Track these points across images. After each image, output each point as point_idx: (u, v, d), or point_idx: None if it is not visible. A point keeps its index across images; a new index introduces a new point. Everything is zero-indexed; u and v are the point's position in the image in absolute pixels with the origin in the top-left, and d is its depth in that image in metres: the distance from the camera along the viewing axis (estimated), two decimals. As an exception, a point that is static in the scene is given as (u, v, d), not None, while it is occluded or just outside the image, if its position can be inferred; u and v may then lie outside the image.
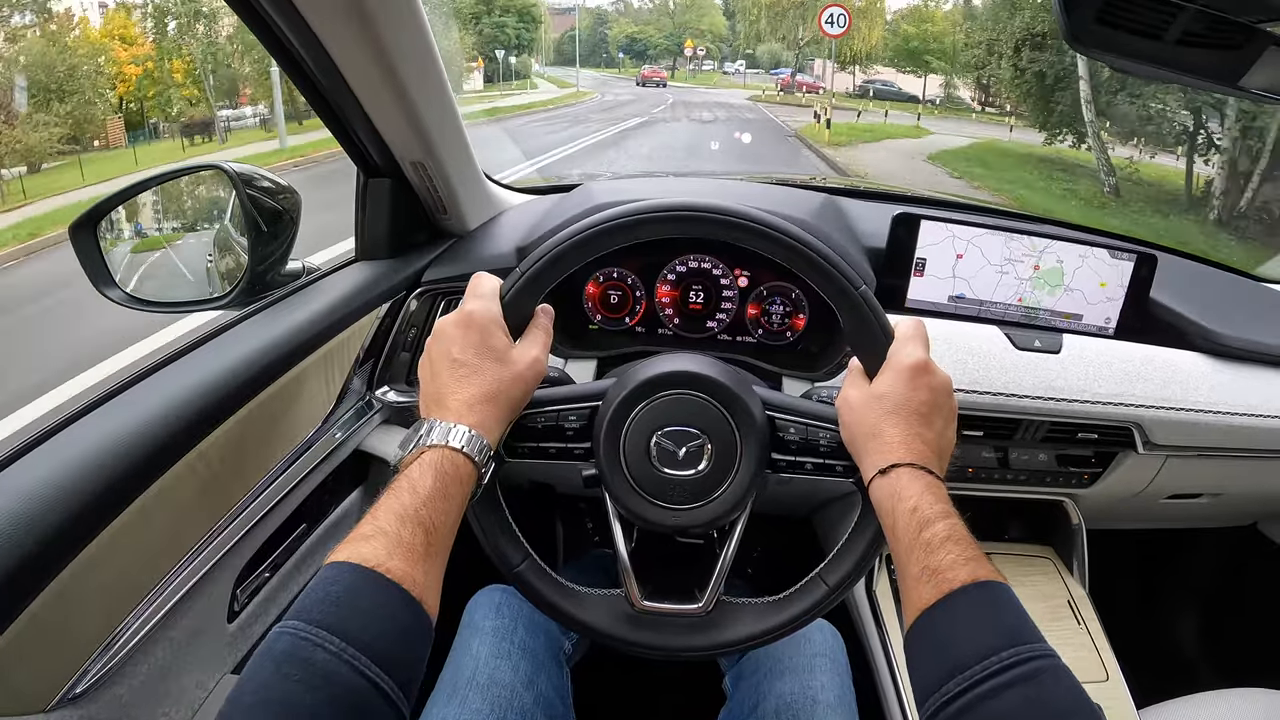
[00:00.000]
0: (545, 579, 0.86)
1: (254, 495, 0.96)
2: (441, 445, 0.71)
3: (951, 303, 1.34)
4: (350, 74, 1.02)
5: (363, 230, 1.27)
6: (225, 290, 1.18)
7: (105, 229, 1.17)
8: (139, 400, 0.86)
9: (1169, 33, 0.81)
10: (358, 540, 0.64)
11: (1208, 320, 1.37)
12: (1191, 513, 1.56)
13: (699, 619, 0.86)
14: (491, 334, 0.78)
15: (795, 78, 33.44)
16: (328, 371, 1.10)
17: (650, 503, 0.84)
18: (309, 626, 0.57)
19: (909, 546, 0.70)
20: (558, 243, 0.83)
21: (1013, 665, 0.60)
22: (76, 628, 0.73)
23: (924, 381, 0.79)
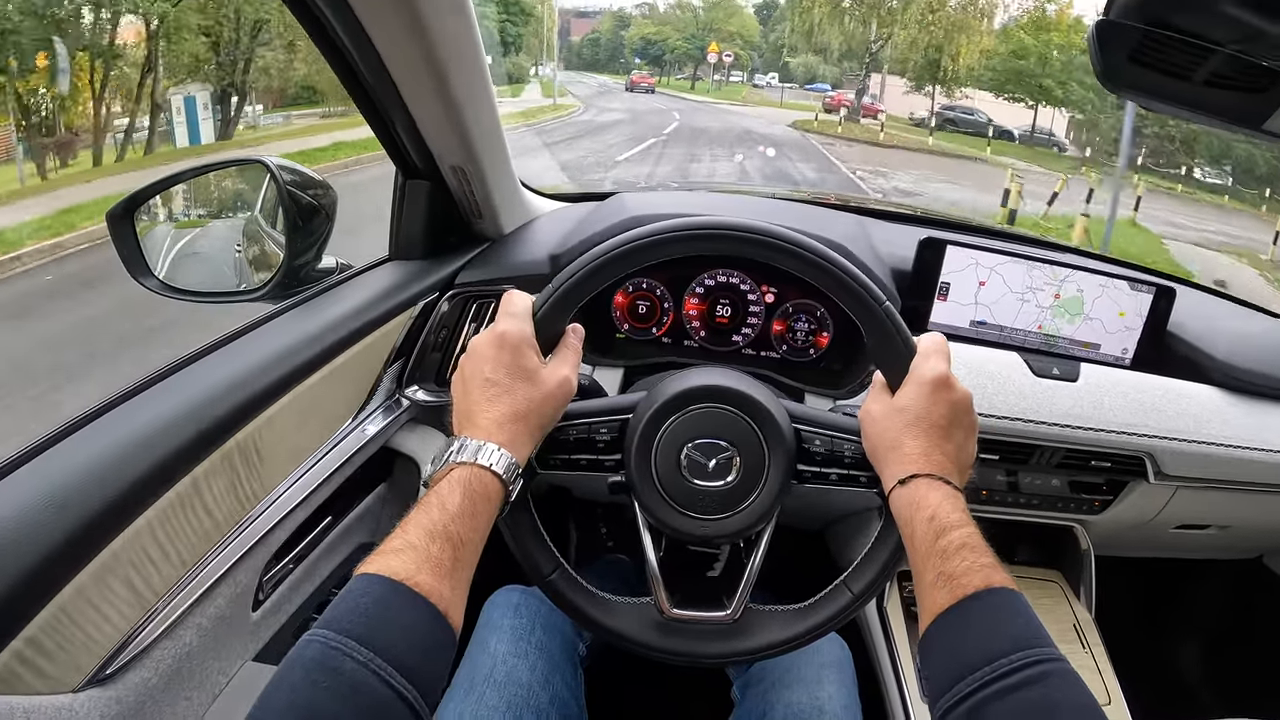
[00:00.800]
0: (576, 587, 0.88)
1: (285, 487, 0.98)
2: (471, 463, 0.73)
3: (973, 328, 1.36)
4: (399, 76, 1.04)
5: (398, 230, 1.29)
6: (260, 283, 1.20)
7: (142, 217, 1.19)
8: (179, 388, 0.88)
9: (1197, 74, 0.85)
10: (388, 553, 0.66)
11: (1224, 354, 1.39)
12: (1199, 543, 1.58)
13: (726, 626, 0.87)
14: (523, 353, 0.80)
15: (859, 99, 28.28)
16: (360, 369, 1.12)
17: (680, 513, 0.86)
18: (338, 636, 0.59)
19: (925, 553, 0.73)
20: (590, 260, 0.85)
21: (1021, 668, 0.61)
22: (109, 611, 0.74)
23: (944, 396, 0.81)
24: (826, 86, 36.75)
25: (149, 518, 0.77)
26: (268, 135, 15.67)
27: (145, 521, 0.77)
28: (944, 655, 0.68)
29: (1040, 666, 0.61)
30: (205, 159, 1.26)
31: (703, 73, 46.51)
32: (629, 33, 54.49)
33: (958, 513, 0.74)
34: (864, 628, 1.41)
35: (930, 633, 0.70)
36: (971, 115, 25.04)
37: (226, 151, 13.40)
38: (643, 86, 41.08)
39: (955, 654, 0.66)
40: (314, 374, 1.01)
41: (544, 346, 0.84)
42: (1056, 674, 0.61)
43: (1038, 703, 0.60)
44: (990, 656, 0.63)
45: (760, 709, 1.07)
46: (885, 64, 26.15)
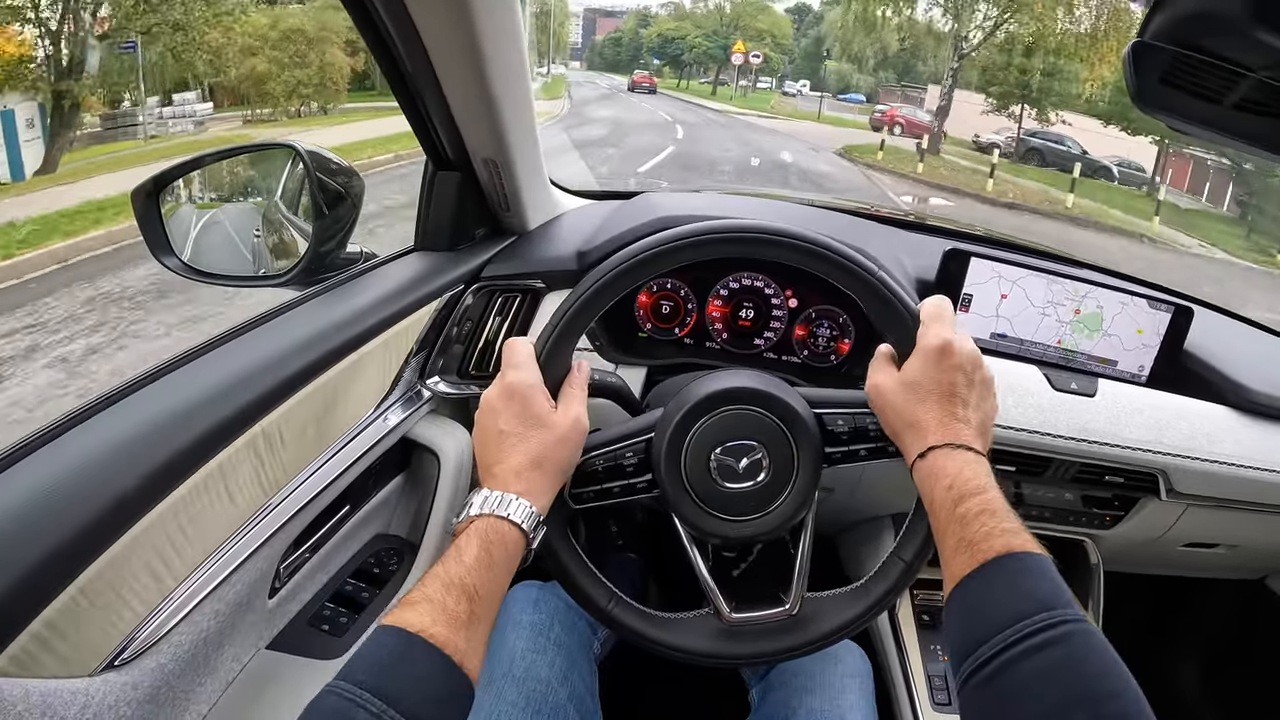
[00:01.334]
0: (635, 613, 0.90)
1: (307, 474, 0.98)
2: (489, 514, 0.75)
3: (994, 340, 1.36)
4: (441, 66, 1.05)
5: (425, 220, 1.30)
6: (284, 269, 1.21)
7: (169, 198, 1.20)
8: (206, 372, 0.89)
9: (1228, 98, 0.87)
10: (405, 607, 0.68)
11: (1239, 375, 1.40)
12: (1206, 562, 1.59)
13: (789, 620, 0.89)
14: (532, 400, 0.83)
15: (939, 118, 20.95)
16: (384, 359, 1.12)
17: (719, 519, 0.88)
18: (354, 688, 0.61)
19: (945, 521, 0.74)
20: (577, 296, 0.87)
21: (1045, 629, 0.61)
22: (128, 595, 0.74)
23: (951, 360, 0.82)
24: (861, 97, 33.70)
25: (173, 501, 0.77)
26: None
27: (169, 505, 0.77)
28: (966, 619, 0.68)
29: (1064, 627, 0.62)
30: (234, 142, 1.26)
31: (727, 77, 41.86)
32: (649, 31, 50.69)
33: (978, 478, 0.75)
34: (876, 637, 1.42)
35: (952, 599, 0.71)
36: (1062, 145, 19.59)
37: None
38: (643, 87, 39.32)
39: (977, 617, 0.67)
40: (340, 362, 1.02)
41: (553, 388, 0.86)
42: (1080, 634, 0.62)
43: (1062, 661, 0.60)
44: (1014, 618, 0.63)
45: (782, 714, 1.08)
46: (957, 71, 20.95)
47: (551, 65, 42.25)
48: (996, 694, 0.62)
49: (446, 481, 1.19)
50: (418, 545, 1.18)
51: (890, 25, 24.89)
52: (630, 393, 1.07)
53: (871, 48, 27.00)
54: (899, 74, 31.23)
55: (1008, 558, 0.68)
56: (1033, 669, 0.61)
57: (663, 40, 48.40)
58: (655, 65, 47.94)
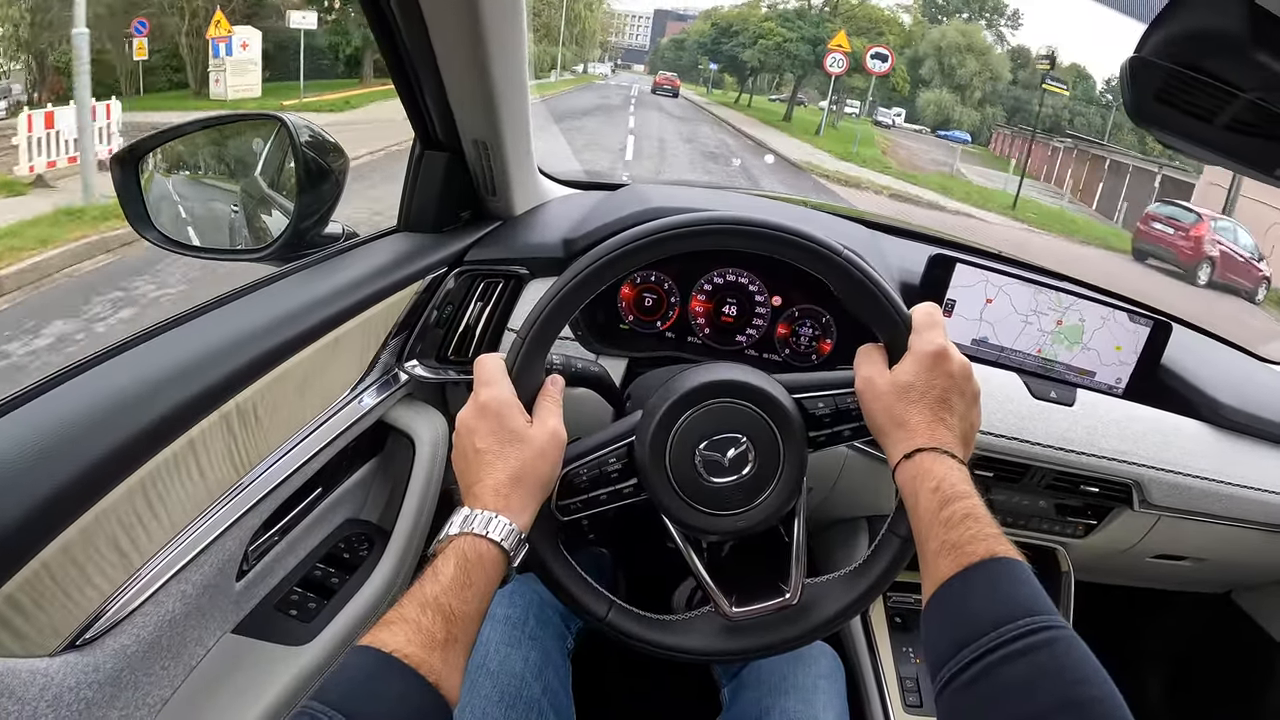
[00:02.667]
0: (635, 619, 0.89)
1: (279, 455, 0.96)
2: (467, 533, 0.75)
3: (974, 345, 1.38)
4: (440, 44, 1.04)
5: (410, 201, 1.28)
6: (264, 243, 1.20)
7: (148, 167, 1.19)
8: (181, 343, 0.87)
9: (1219, 117, 0.89)
10: (381, 627, 0.68)
11: (1214, 392, 1.43)
12: (1174, 574, 1.62)
13: (792, 609, 0.88)
14: (507, 417, 0.82)
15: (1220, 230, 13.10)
16: (363, 339, 1.11)
17: (710, 514, 0.87)
18: (326, 708, 0.61)
19: (929, 523, 0.74)
20: (542, 307, 0.87)
21: (1027, 633, 0.62)
22: (92, 572, 0.73)
23: (945, 368, 0.83)
24: (965, 136, 28.42)
25: (141, 476, 0.76)
26: None
27: (138, 479, 0.75)
28: (947, 622, 0.69)
29: (1046, 633, 0.62)
30: (220, 111, 1.25)
31: (805, 90, 31.66)
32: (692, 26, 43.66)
33: (963, 484, 0.76)
34: (848, 639, 1.43)
35: (933, 601, 0.71)
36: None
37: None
38: (665, 89, 35.17)
39: (959, 621, 0.67)
40: (318, 340, 1.01)
41: (527, 402, 0.86)
42: (1062, 640, 0.62)
43: (1045, 666, 0.61)
44: (996, 622, 0.64)
45: (754, 713, 1.09)
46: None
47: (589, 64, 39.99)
48: (978, 697, 0.62)
49: (421, 467, 1.18)
50: (389, 531, 1.16)
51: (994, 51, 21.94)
52: (611, 382, 1.06)
53: (979, 76, 23.95)
54: (1008, 112, 27.85)
55: (991, 562, 0.69)
56: (1015, 673, 0.61)
57: (718, 32, 35.91)
58: (713, 71, 41.04)
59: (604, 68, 40.25)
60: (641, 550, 0.95)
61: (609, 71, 41.92)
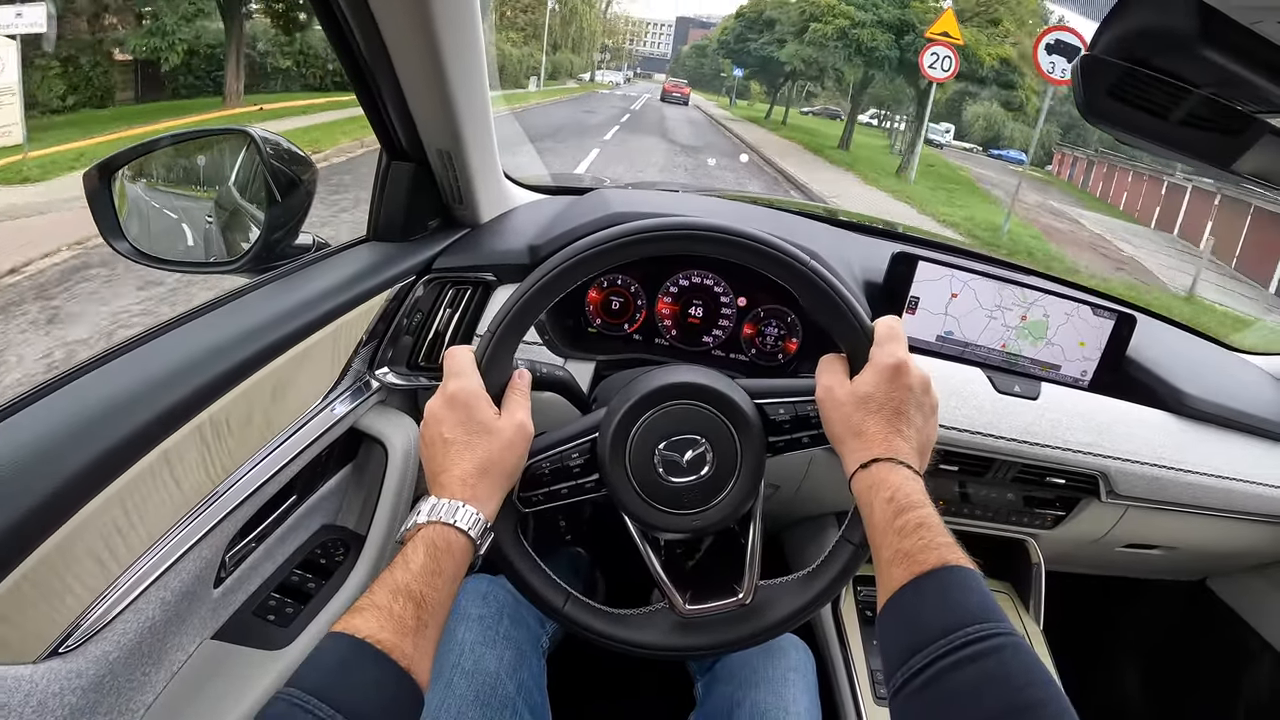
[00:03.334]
0: (591, 612, 0.91)
1: (253, 464, 0.98)
2: (436, 522, 0.77)
3: (939, 341, 1.39)
4: (398, 56, 1.05)
5: (378, 211, 1.29)
6: (235, 255, 1.20)
7: (120, 180, 1.19)
8: (155, 356, 0.88)
9: (1174, 113, 0.88)
10: (353, 613, 0.69)
11: (1179, 382, 1.44)
12: (1145, 563, 1.63)
13: (744, 609, 0.90)
14: (475, 408, 0.84)
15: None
16: (334, 348, 1.12)
17: (667, 513, 0.89)
18: (301, 693, 0.62)
19: (883, 531, 0.76)
20: (514, 301, 0.87)
21: (976, 640, 0.63)
22: (72, 582, 0.74)
23: (904, 380, 0.84)
24: (1022, 156, 23.71)
25: (119, 487, 0.77)
26: None
27: (114, 491, 0.77)
28: (900, 629, 0.70)
29: (995, 639, 0.64)
30: (188, 126, 1.24)
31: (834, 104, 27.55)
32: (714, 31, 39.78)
33: (917, 494, 0.77)
34: (820, 632, 1.44)
35: (887, 608, 0.72)
36: None
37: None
38: (674, 97, 32.66)
39: (911, 628, 0.68)
40: (289, 350, 1.02)
41: (495, 395, 0.87)
42: (1011, 646, 0.64)
43: (992, 673, 0.62)
44: (946, 630, 0.65)
45: (726, 707, 1.10)
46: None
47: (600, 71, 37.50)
48: (928, 703, 0.64)
49: (394, 473, 1.19)
50: (364, 536, 1.18)
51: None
52: (578, 387, 1.08)
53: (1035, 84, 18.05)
54: (1062, 128, 24.11)
55: (943, 570, 0.70)
56: (964, 679, 0.63)
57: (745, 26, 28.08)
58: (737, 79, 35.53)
59: (616, 75, 37.83)
60: (619, 551, 0.94)
61: (621, 80, 39.27)
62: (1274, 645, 1.66)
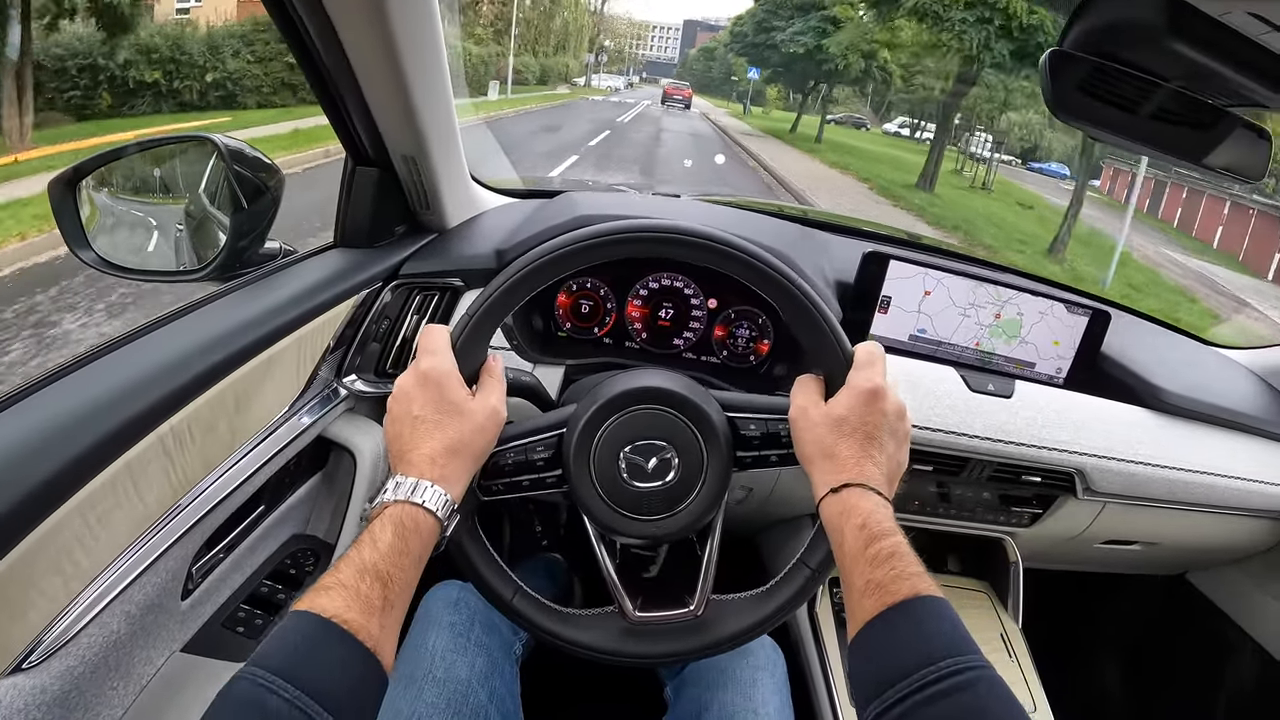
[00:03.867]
0: (538, 607, 0.89)
1: (218, 474, 0.96)
2: (404, 501, 0.75)
3: (912, 341, 1.39)
4: (358, 63, 1.03)
5: (344, 217, 1.28)
6: (201, 263, 1.18)
7: (86, 189, 1.16)
8: (118, 368, 0.87)
9: (1144, 108, 0.85)
10: (318, 591, 0.67)
11: (1155, 378, 1.43)
12: (1125, 559, 1.63)
13: (693, 621, 0.88)
14: (449, 388, 0.82)
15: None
16: (300, 356, 1.11)
17: (626, 517, 0.87)
18: (266, 673, 0.60)
19: (854, 560, 0.74)
20: (499, 284, 0.86)
21: (949, 675, 0.63)
22: (35, 597, 0.73)
23: (879, 406, 0.83)
24: (1063, 170, 21.79)
25: (79, 500, 0.76)
26: None
27: (75, 504, 0.75)
28: (872, 662, 0.69)
29: (968, 674, 0.63)
30: (152, 134, 1.22)
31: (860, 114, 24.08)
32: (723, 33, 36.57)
33: (888, 521, 0.76)
34: (794, 632, 1.44)
35: (859, 639, 0.71)
36: None
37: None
38: (675, 100, 30.49)
39: (884, 661, 0.67)
40: (254, 358, 1.00)
41: (468, 378, 0.86)
42: (984, 680, 0.63)
43: (967, 706, 0.62)
44: (919, 663, 0.64)
45: (695, 710, 1.08)
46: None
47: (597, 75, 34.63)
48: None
49: (363, 481, 1.18)
50: (334, 545, 1.18)
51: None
52: (545, 392, 1.07)
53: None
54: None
55: (914, 601, 0.69)
56: (937, 714, 0.62)
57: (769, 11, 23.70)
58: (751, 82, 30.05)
59: (617, 80, 34.92)
60: (595, 557, 0.91)
61: (622, 85, 36.58)
62: (1254, 637, 1.67)
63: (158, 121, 13.16)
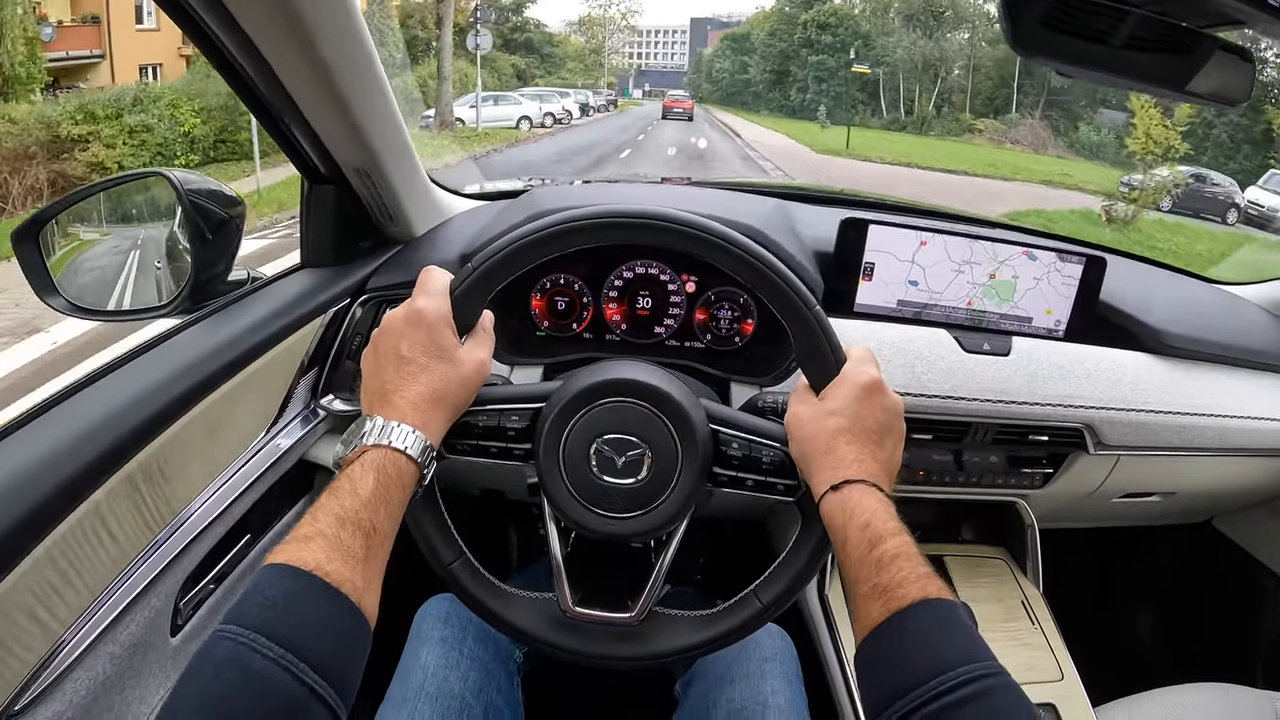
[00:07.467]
0: (476, 578, 0.86)
1: (197, 506, 0.95)
2: (385, 445, 0.70)
3: (900, 306, 1.34)
4: (289, 81, 1.01)
5: (307, 237, 1.26)
6: (169, 298, 1.16)
7: (48, 237, 1.14)
8: (78, 411, 0.85)
9: (1115, 37, 0.80)
10: (297, 542, 0.63)
11: (1157, 322, 1.38)
12: (1145, 511, 1.58)
13: (629, 628, 0.86)
14: (440, 332, 0.78)
15: None
16: (271, 380, 1.09)
17: (586, 509, 0.84)
18: (246, 632, 0.57)
19: (859, 562, 0.70)
20: (512, 240, 0.82)
21: (963, 684, 0.60)
22: (12, 645, 0.72)
23: (877, 401, 0.80)
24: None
25: (48, 546, 0.74)
26: None
27: (44, 550, 0.74)
28: (882, 671, 0.66)
29: (982, 682, 0.60)
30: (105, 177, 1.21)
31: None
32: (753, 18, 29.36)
33: (892, 521, 0.72)
34: (807, 617, 1.39)
35: (866, 647, 0.68)
36: None
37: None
38: (677, 112, 26.38)
39: (894, 670, 0.64)
40: (221, 387, 0.98)
41: (460, 330, 0.81)
42: (999, 688, 0.61)
43: (983, 717, 0.59)
44: (930, 673, 0.61)
45: (703, 706, 1.05)
46: None
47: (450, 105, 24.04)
48: None
49: None
50: None
51: None
52: None
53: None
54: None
55: (923, 606, 0.66)
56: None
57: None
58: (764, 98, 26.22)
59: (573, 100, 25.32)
60: (595, 561, 0.91)
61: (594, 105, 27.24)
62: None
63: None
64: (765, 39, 29.93)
